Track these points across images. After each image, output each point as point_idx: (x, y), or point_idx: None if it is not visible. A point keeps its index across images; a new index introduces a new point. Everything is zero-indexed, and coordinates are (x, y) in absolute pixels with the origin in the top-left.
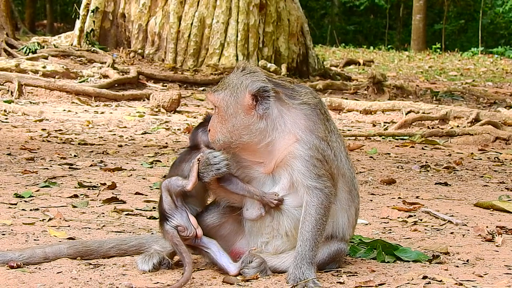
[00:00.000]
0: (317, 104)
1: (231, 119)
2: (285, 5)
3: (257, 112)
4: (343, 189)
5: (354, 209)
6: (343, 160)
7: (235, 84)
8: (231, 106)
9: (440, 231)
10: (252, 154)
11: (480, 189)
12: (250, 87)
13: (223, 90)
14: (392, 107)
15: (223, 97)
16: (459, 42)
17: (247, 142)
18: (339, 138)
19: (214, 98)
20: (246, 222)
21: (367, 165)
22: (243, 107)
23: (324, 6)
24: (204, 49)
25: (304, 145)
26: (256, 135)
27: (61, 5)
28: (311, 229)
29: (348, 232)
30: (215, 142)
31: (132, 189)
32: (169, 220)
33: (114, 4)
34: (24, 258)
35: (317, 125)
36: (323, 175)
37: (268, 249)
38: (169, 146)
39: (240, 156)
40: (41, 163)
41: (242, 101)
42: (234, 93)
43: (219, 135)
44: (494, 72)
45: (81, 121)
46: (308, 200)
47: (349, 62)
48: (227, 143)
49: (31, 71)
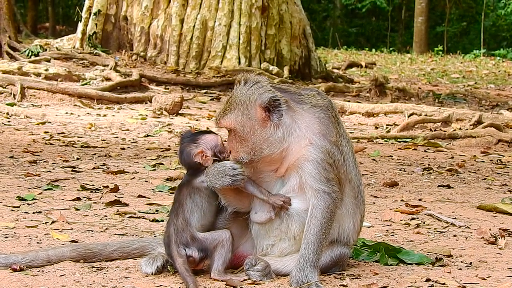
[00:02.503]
0: (328, 105)
1: (249, 136)
2: (287, 7)
3: (272, 122)
4: (349, 194)
5: (359, 215)
6: (350, 165)
7: (243, 101)
8: (246, 124)
9: (443, 234)
10: (269, 163)
11: (482, 191)
12: (259, 100)
13: (233, 111)
14: (395, 110)
15: (235, 118)
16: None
17: (268, 154)
18: (348, 143)
19: (226, 123)
20: (253, 226)
21: (370, 168)
22: (258, 122)
23: (326, 9)
24: (206, 51)
25: (317, 149)
26: (276, 145)
27: (63, 8)
28: (316, 232)
29: (353, 238)
30: (240, 161)
31: (135, 191)
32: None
33: (116, 7)
34: (27, 261)
35: (329, 129)
36: (332, 179)
37: (273, 252)
38: (171, 148)
39: (257, 166)
40: (44, 166)
41: (255, 116)
42: (245, 110)
43: (242, 154)
44: (496, 74)
45: (83, 124)
46: (315, 203)
47: (351, 65)
48: (251, 159)
49: (33, 74)
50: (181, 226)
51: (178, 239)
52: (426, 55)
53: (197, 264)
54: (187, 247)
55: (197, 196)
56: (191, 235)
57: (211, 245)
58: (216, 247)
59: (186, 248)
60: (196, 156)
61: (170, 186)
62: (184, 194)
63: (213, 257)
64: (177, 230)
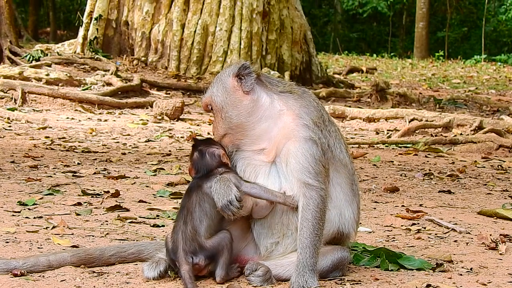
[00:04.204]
0: (305, 92)
1: (224, 107)
2: (288, 12)
3: (243, 89)
4: (346, 182)
5: (356, 204)
6: (344, 151)
7: (220, 76)
8: (220, 94)
9: (443, 239)
10: (250, 140)
11: (483, 197)
12: (232, 70)
13: (211, 87)
14: (395, 115)
15: (211, 91)
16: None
17: (243, 123)
18: (335, 128)
19: (205, 99)
20: (254, 225)
21: (371, 173)
22: (230, 90)
23: (327, 14)
24: (207, 56)
25: (303, 128)
26: (250, 113)
27: (64, 13)
28: (309, 235)
29: (353, 228)
30: (218, 137)
31: (136, 197)
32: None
33: (117, 12)
34: (27, 266)
35: (310, 109)
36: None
37: (278, 250)
38: (172, 154)
39: (244, 146)
40: (45, 171)
41: (228, 85)
42: (220, 82)
43: (220, 130)
44: (497, 80)
45: (84, 128)
46: (304, 204)
47: (352, 70)
48: (228, 133)
49: (34, 79)
50: (190, 235)
51: (186, 247)
52: (427, 60)
53: (202, 270)
54: (195, 255)
55: (206, 204)
56: (200, 244)
57: (217, 252)
58: (220, 252)
59: (194, 256)
60: (223, 157)
61: (171, 191)
62: (194, 201)
63: (217, 262)
64: (185, 238)
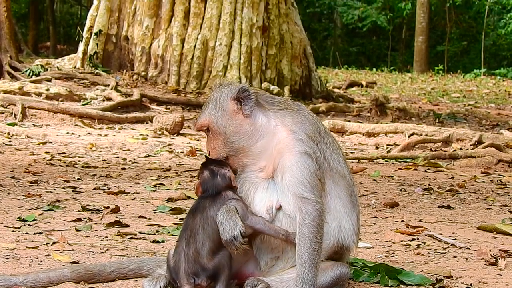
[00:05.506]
0: (301, 108)
1: (224, 130)
2: (288, 27)
3: (243, 113)
4: (345, 194)
5: (355, 215)
6: (342, 162)
7: (216, 97)
8: (219, 118)
9: (443, 255)
10: (251, 160)
11: (483, 212)
12: (230, 93)
13: (207, 109)
14: (395, 130)
15: (209, 114)
16: (461, 63)
17: (240, 146)
18: (333, 139)
19: (202, 121)
20: (254, 240)
21: (370, 188)
22: (230, 114)
23: (326, 28)
24: (207, 71)
25: (297, 142)
26: (249, 137)
27: (64, 27)
28: (307, 249)
29: (353, 240)
30: (219, 158)
31: (136, 212)
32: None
33: (117, 27)
34: (28, 283)
35: (305, 124)
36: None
37: (279, 265)
38: (172, 169)
39: (244, 166)
40: (45, 186)
41: (228, 109)
42: (218, 104)
43: (220, 151)
44: (496, 94)
45: (84, 144)
46: (301, 219)
47: (352, 84)
48: (229, 154)
49: (34, 94)
50: (192, 257)
51: (188, 269)
52: (426, 74)
53: None
54: (197, 276)
55: (210, 228)
56: (202, 266)
57: (218, 271)
58: (221, 270)
59: (196, 277)
60: (233, 180)
61: (171, 207)
62: (198, 223)
63: (218, 280)
64: (187, 260)
